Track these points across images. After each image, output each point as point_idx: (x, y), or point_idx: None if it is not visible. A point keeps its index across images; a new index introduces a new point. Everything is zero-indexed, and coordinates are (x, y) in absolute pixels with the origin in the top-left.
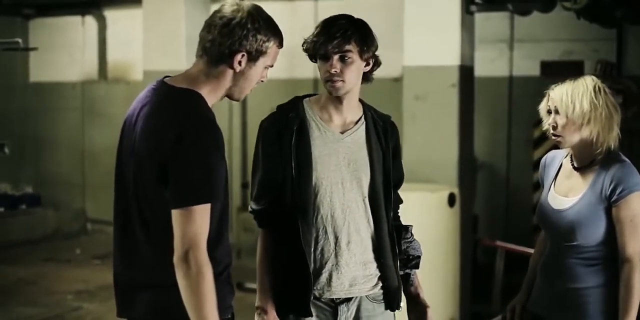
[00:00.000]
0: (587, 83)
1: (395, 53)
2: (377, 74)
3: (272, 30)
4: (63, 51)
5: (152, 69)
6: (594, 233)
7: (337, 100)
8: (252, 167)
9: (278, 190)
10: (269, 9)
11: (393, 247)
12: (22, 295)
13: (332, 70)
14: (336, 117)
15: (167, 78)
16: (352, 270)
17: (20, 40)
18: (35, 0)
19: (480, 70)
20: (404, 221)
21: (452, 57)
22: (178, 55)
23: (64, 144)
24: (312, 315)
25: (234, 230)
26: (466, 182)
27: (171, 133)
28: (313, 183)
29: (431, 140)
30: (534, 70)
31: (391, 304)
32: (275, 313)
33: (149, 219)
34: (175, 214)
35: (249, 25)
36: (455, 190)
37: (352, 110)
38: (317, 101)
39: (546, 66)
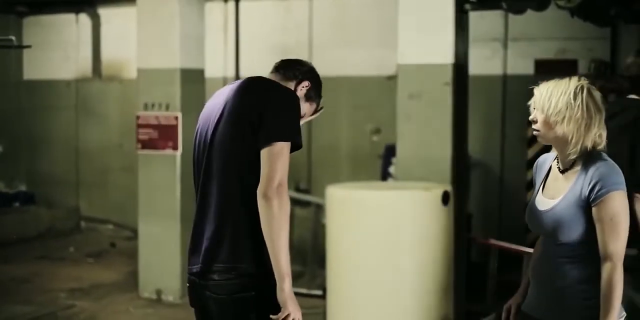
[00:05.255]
0: (571, 83)
1: (389, 51)
2: (372, 72)
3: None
4: (57, 49)
5: (146, 67)
6: (575, 232)
7: None
8: None
9: None
10: (264, 7)
11: None
12: (16, 294)
13: None
14: None
15: None
16: None
17: (13, 38)
18: None
19: (474, 68)
20: (399, 219)
21: (446, 56)
22: (172, 54)
23: (58, 141)
24: None
25: None
26: (460, 181)
27: (263, 96)
28: None
29: (425, 138)
30: (528, 69)
31: None
32: None
33: (226, 185)
34: (265, 153)
35: (314, 73)
36: (449, 189)
37: None
38: None
39: (540, 65)
